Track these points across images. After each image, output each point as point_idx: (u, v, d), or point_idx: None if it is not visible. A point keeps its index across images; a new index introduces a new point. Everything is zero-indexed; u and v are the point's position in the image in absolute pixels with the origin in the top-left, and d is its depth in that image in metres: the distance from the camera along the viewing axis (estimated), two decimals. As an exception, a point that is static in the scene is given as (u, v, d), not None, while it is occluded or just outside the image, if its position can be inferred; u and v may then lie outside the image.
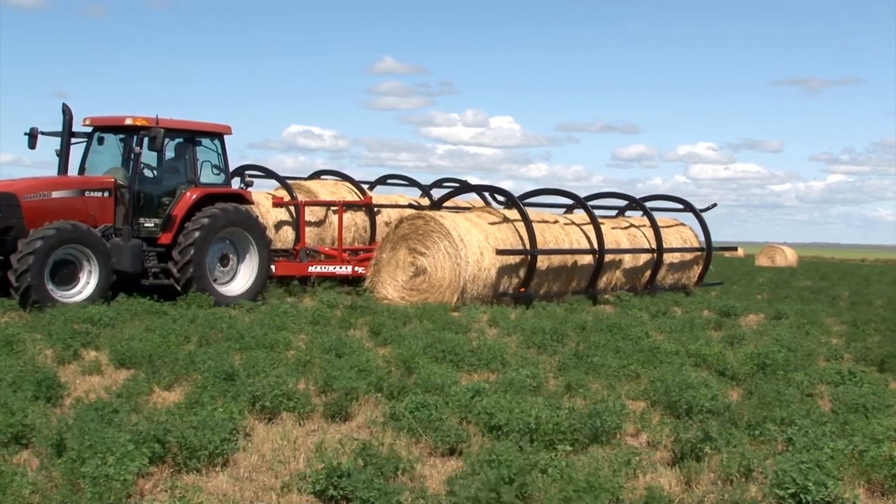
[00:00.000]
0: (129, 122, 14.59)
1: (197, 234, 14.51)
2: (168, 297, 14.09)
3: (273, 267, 17.12)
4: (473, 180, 20.14)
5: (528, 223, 17.02)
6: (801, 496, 4.83)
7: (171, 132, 14.93)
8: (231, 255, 15.40)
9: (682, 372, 8.35)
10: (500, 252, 16.52)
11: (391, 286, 17.00)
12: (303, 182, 22.02)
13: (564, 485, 4.77)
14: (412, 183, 23.54)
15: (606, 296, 18.84)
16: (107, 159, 15.08)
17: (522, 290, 16.78)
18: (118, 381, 7.68)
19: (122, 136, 14.94)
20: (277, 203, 19.94)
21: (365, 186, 22.57)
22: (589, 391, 7.72)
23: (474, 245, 16.56)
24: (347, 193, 21.78)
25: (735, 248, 23.69)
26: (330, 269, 18.52)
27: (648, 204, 21.06)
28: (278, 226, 20.50)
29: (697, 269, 22.30)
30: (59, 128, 15.02)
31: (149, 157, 14.81)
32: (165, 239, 14.62)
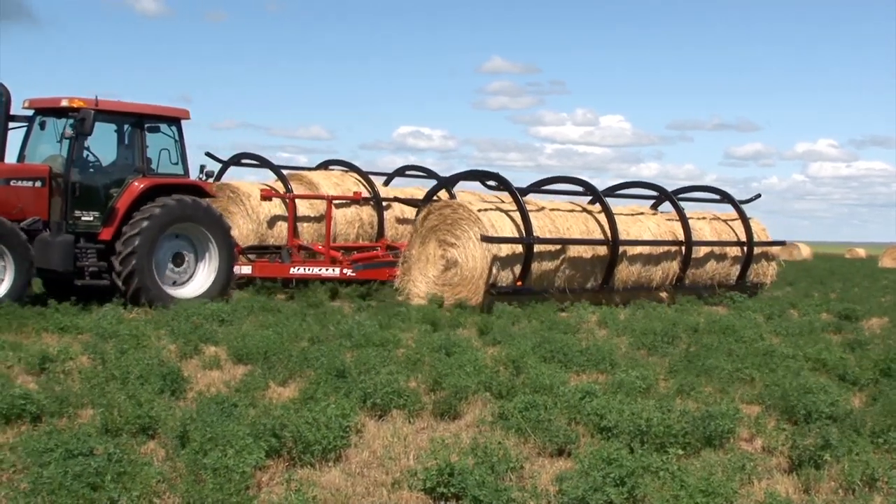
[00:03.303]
0: (64, 103, 13.04)
1: (143, 226, 12.99)
2: (108, 299, 12.68)
3: (248, 268, 16.26)
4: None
5: (522, 210, 15.35)
6: (929, 508, 4.62)
7: (113, 116, 13.45)
8: (187, 254, 13.86)
9: (800, 376, 8.08)
10: (485, 238, 14.85)
11: (423, 283, 15.71)
12: (305, 173, 20.54)
13: (676, 488, 4.70)
14: (431, 175, 21.94)
15: (622, 294, 16.88)
16: (49, 146, 13.56)
17: (519, 283, 15.15)
18: (236, 376, 7.96)
19: (64, 119, 13.29)
20: (265, 196, 18.38)
21: (380, 179, 21.07)
22: (701, 394, 7.57)
23: (507, 231, 15.37)
24: (354, 186, 20.12)
25: (783, 243, 20.77)
26: (315, 270, 16.80)
27: (690, 196, 19.55)
28: (272, 221, 19.00)
29: (768, 267, 20.05)
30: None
31: (102, 144, 13.52)
32: (106, 234, 13.10)
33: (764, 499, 4.77)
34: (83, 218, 13.07)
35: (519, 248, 15.33)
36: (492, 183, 17.23)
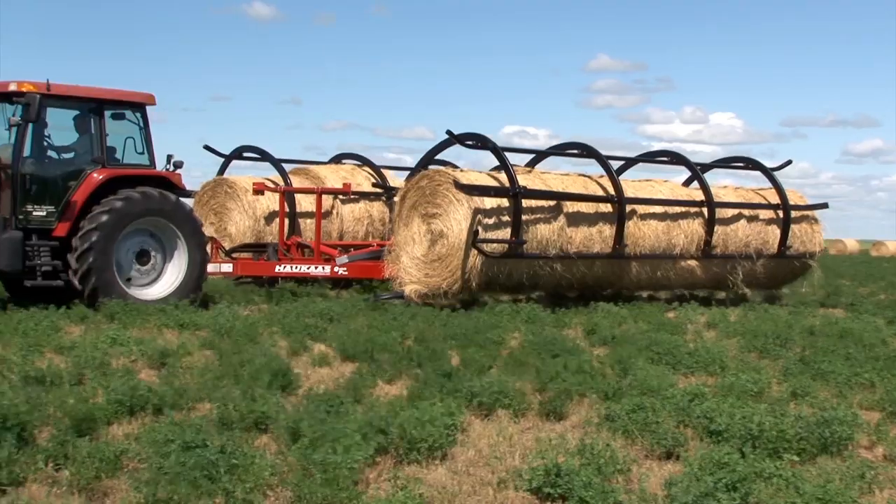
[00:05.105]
0: (13, 87, 11.94)
1: (101, 221, 11.95)
2: (66, 301, 11.72)
3: (229, 266, 15.58)
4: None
5: (504, 164, 14.27)
6: None
7: (68, 101, 12.43)
8: (153, 252, 12.71)
9: (924, 382, 7.73)
10: (459, 186, 13.65)
11: (413, 266, 14.43)
12: (313, 167, 19.60)
13: (791, 496, 4.57)
14: (452, 167, 20.28)
15: (638, 263, 15.41)
16: (3, 134, 12.39)
17: (513, 238, 13.74)
18: (344, 374, 8.13)
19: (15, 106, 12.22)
20: (257, 189, 17.30)
21: (397, 174, 19.82)
22: (816, 399, 7.33)
23: (490, 190, 14.08)
24: (364, 181, 19.24)
25: (825, 206, 18.43)
26: (303, 269, 15.72)
27: (713, 169, 18.33)
28: (270, 217, 18.18)
29: (814, 234, 17.93)
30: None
31: (61, 132, 12.57)
32: (61, 230, 11.98)
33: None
34: (35, 213, 11.99)
35: (505, 203, 14.01)
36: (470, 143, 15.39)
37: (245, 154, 19.80)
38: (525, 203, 13.98)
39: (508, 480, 5.11)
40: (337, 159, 20.54)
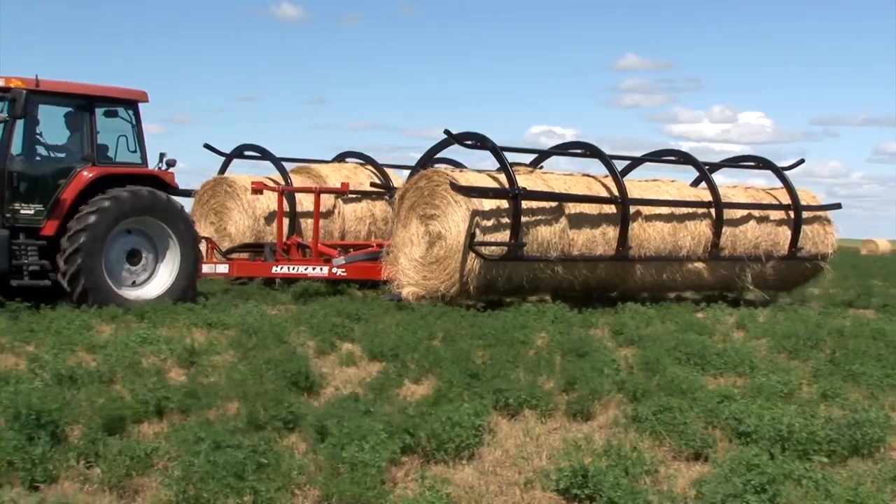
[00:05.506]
0: (1, 83, 11.80)
1: (90, 220, 11.75)
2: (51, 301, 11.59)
3: (225, 267, 15.55)
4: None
5: (504, 164, 14.03)
6: None
7: (58, 98, 12.26)
8: (145, 252, 12.56)
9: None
10: (456, 188, 13.40)
11: (411, 269, 14.20)
12: (314, 166, 19.40)
13: (821, 498, 4.53)
14: (458, 167, 19.71)
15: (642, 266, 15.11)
16: None
17: (512, 240, 13.51)
18: (371, 373, 8.16)
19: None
20: (256, 188, 17.13)
21: (399, 172, 19.46)
22: (847, 401, 7.25)
23: (488, 191, 13.84)
24: (367, 180, 19.07)
25: (838, 206, 17.98)
26: (300, 269, 15.51)
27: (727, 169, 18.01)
28: (270, 217, 17.98)
29: (826, 235, 17.50)
30: None
31: (52, 129, 12.41)
32: (49, 229, 11.80)
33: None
34: (23, 211, 11.81)
35: (505, 204, 13.73)
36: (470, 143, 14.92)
37: (246, 153, 19.66)
38: (525, 204, 13.77)
39: (535, 481, 5.11)
40: (340, 158, 20.37)
